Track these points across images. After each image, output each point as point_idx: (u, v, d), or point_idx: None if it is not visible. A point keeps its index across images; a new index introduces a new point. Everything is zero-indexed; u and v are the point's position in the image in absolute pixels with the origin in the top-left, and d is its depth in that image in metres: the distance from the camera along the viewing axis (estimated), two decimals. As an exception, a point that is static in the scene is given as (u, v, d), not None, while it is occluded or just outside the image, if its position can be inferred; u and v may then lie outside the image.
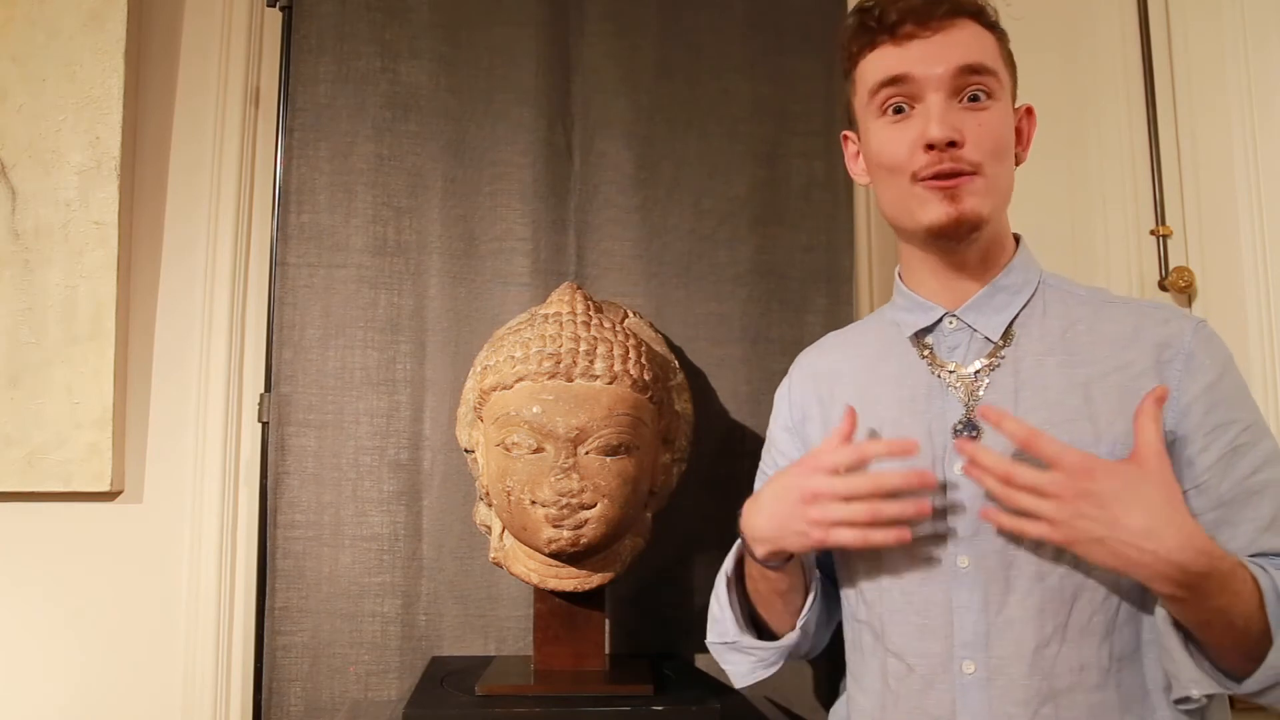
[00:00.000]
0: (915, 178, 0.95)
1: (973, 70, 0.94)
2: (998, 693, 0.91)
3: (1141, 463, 0.84)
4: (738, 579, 1.11)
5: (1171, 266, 1.66)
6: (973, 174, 0.94)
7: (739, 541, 1.09)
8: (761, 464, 1.23)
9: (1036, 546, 0.91)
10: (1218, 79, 1.61)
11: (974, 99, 0.95)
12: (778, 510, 0.97)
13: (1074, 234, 1.75)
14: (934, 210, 0.95)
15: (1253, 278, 1.55)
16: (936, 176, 0.94)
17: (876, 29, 0.97)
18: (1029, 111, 1.03)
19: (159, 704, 1.58)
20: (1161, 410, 0.87)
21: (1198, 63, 1.65)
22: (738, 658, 1.11)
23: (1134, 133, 1.73)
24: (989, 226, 0.98)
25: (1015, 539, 0.92)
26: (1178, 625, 0.86)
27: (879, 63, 0.98)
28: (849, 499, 0.91)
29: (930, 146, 0.93)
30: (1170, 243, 1.68)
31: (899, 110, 0.97)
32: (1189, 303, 1.65)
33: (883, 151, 0.98)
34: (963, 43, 0.95)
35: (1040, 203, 1.71)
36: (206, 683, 1.58)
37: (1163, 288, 1.66)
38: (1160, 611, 0.88)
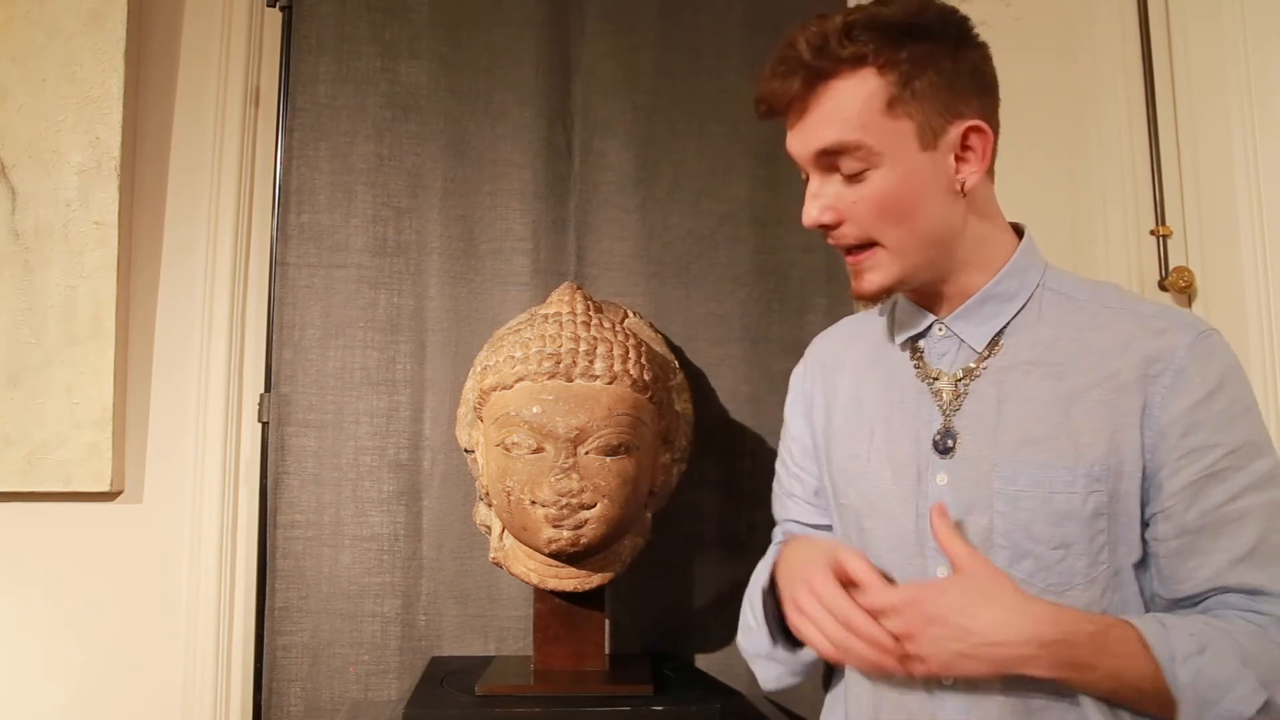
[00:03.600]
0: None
1: (830, 152, 0.90)
2: (975, 707, 0.91)
3: (962, 572, 0.86)
4: (772, 588, 1.07)
5: (1171, 266, 1.66)
6: (871, 246, 0.93)
7: (772, 552, 1.09)
8: (780, 447, 1.20)
9: (1010, 564, 0.90)
10: (1218, 79, 1.61)
11: (847, 174, 0.90)
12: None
13: (1074, 234, 1.75)
14: (850, 279, 0.97)
15: (1253, 278, 1.55)
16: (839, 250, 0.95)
17: (760, 116, 0.96)
18: (974, 130, 0.91)
19: (159, 704, 1.58)
20: (948, 520, 0.87)
21: (1198, 63, 1.65)
22: (769, 665, 1.09)
23: (1134, 133, 1.73)
24: (931, 267, 0.95)
25: (989, 555, 0.91)
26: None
27: None
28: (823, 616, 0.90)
29: None
30: (1170, 243, 1.68)
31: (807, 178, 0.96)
32: (1189, 303, 1.65)
33: None
34: (821, 121, 0.90)
35: (1040, 203, 1.72)
36: (206, 683, 1.58)
37: (1163, 288, 1.66)
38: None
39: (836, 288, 1.68)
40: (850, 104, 0.89)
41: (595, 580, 1.34)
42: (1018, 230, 1.01)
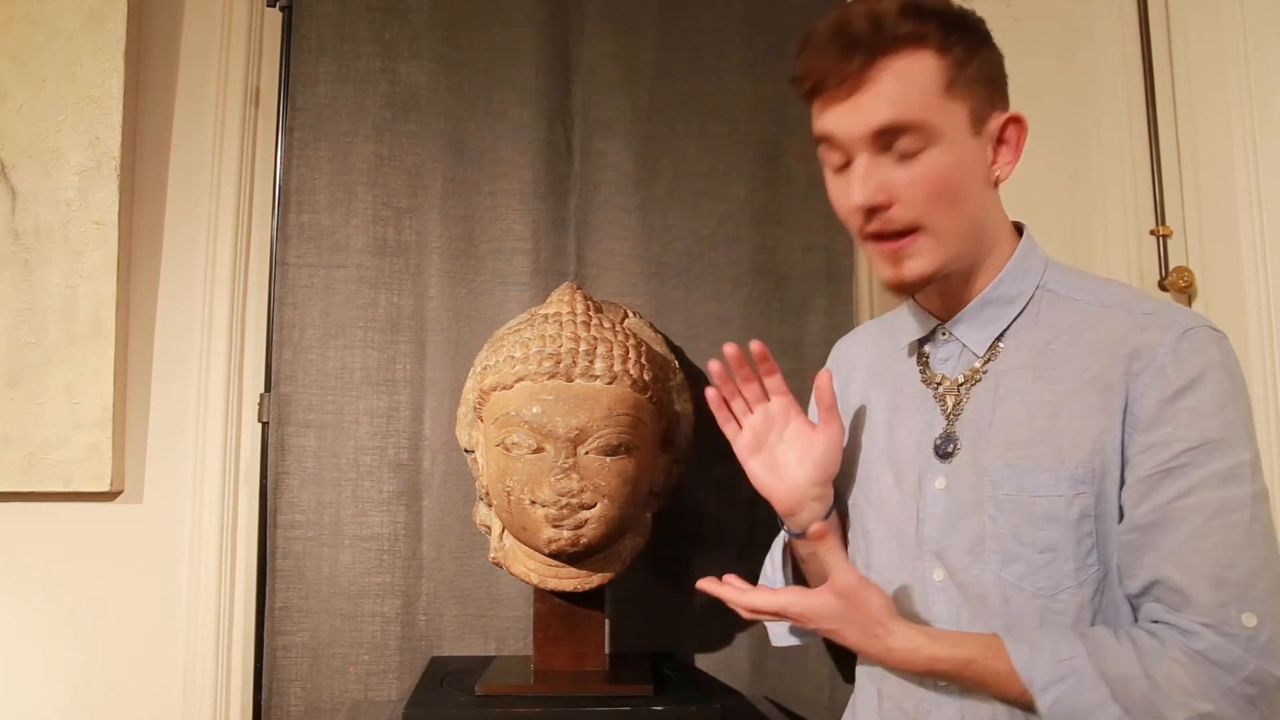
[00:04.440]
0: (861, 234, 0.94)
1: (890, 130, 0.88)
2: (970, 704, 0.92)
3: (834, 593, 0.92)
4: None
5: (1171, 266, 1.66)
6: (914, 232, 0.91)
7: None
8: None
9: (1000, 568, 0.91)
10: (1218, 79, 1.60)
11: (903, 153, 0.89)
12: None
13: (1074, 234, 1.75)
14: (882, 269, 0.95)
15: (1253, 278, 1.55)
16: (876, 237, 0.93)
17: (801, 94, 0.95)
18: (1014, 121, 0.94)
19: (159, 704, 1.58)
20: (830, 539, 0.93)
21: (1198, 63, 1.65)
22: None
23: (1134, 133, 1.73)
24: (956, 266, 0.95)
25: (980, 559, 0.92)
26: None
27: (815, 120, 0.95)
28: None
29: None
30: (1170, 243, 1.68)
31: (841, 163, 0.94)
32: (1189, 303, 1.65)
33: (833, 203, 0.97)
34: (881, 97, 0.88)
35: (1040, 203, 1.71)
36: (206, 683, 1.58)
37: (1163, 288, 1.66)
38: None
39: (836, 287, 1.68)
40: (913, 81, 0.88)
41: (595, 580, 1.34)
42: (1018, 229, 1.01)
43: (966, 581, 0.93)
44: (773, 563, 1.17)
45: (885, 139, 0.89)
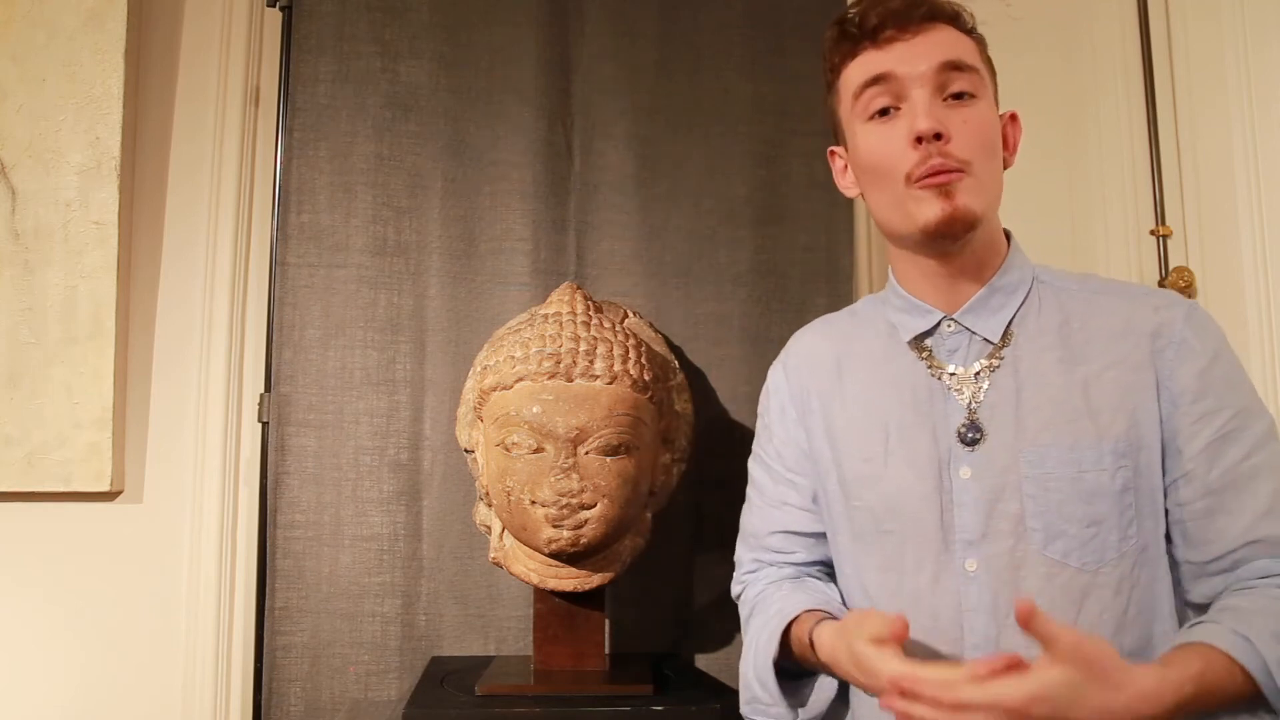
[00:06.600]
0: (909, 179, 0.94)
1: (955, 67, 0.95)
2: None
3: (1062, 660, 0.77)
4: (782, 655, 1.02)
5: (1171, 266, 1.66)
6: (962, 171, 0.93)
7: (768, 621, 1.04)
8: (756, 447, 1.18)
9: (1044, 546, 0.92)
10: (1218, 79, 1.61)
11: (958, 96, 0.95)
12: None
13: (1074, 234, 1.75)
14: (929, 209, 0.93)
15: (1253, 278, 1.55)
16: (929, 175, 0.93)
17: (858, 35, 0.98)
18: (1013, 118, 1.03)
19: (159, 704, 1.58)
20: (1038, 615, 0.78)
21: (1198, 63, 1.65)
22: None
23: (1134, 133, 1.73)
24: (983, 227, 0.97)
25: (1023, 540, 0.93)
26: None
27: (862, 67, 0.98)
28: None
29: (919, 140, 0.93)
30: (1170, 243, 1.68)
31: (885, 111, 0.97)
32: (1189, 303, 1.66)
33: (872, 154, 0.97)
34: (943, 42, 0.96)
35: (1040, 203, 1.72)
36: (206, 683, 1.58)
37: (1163, 287, 1.66)
38: None
39: (836, 287, 1.68)
40: (962, 40, 0.98)
41: (595, 580, 1.34)
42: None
43: (1008, 565, 0.93)
44: (768, 689, 1.02)
45: (945, 78, 0.95)
